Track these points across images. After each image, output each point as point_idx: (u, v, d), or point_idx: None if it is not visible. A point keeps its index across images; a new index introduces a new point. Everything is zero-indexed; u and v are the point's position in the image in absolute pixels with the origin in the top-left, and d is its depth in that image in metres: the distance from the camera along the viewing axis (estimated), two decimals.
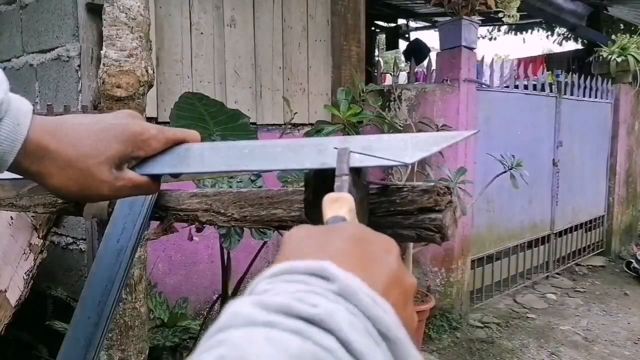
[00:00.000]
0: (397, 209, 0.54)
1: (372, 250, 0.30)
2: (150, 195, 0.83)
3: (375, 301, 0.25)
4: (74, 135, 0.50)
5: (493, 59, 3.86)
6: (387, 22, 6.95)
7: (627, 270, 4.40)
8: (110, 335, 1.61)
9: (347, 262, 0.27)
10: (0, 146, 0.47)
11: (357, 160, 0.48)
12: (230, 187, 1.67)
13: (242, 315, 0.23)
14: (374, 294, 0.25)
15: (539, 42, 14.04)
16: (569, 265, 4.49)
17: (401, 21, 7.07)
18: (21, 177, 0.52)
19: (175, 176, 0.59)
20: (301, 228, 0.31)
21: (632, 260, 4.38)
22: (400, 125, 3.20)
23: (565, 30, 7.26)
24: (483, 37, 8.63)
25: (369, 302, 0.25)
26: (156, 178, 0.57)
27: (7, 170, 0.50)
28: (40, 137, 0.49)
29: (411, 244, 2.68)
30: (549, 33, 7.90)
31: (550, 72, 4.48)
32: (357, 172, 0.48)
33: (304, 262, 0.26)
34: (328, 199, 0.36)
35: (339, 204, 0.35)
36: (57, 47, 2.26)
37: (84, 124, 0.52)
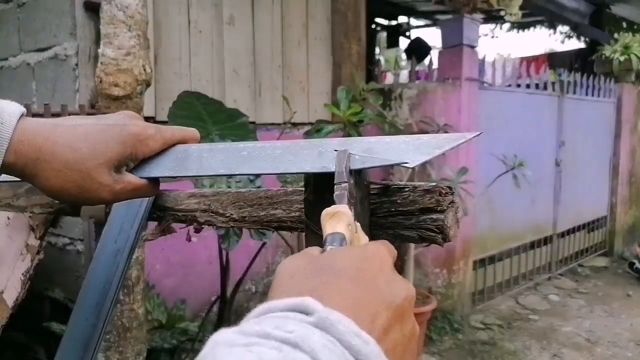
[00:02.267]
0: (399, 210, 0.53)
1: (363, 280, 0.31)
2: None
3: (354, 332, 0.26)
4: (71, 137, 0.49)
5: (495, 57, 3.84)
6: (388, 20, 6.93)
7: (629, 271, 4.37)
8: (108, 337, 1.59)
9: (333, 300, 0.28)
10: None
11: (358, 162, 0.47)
12: (229, 187, 1.65)
13: (223, 339, 0.24)
14: (353, 326, 0.26)
15: (541, 41, 14.06)
16: (571, 266, 4.47)
17: (402, 19, 7.04)
18: (19, 179, 0.52)
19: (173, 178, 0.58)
20: (292, 260, 0.32)
21: (635, 261, 4.36)
22: (401, 125, 3.18)
23: (567, 28, 7.25)
24: (485, 35, 8.62)
25: (346, 332, 0.26)
26: (155, 180, 0.57)
27: (4, 174, 0.49)
28: (33, 139, 0.48)
29: (412, 245, 2.66)
30: (552, 31, 7.89)
31: (552, 70, 4.46)
32: (358, 172, 0.47)
33: (286, 299, 0.28)
34: (325, 214, 0.37)
35: (336, 220, 0.36)
36: (54, 46, 2.24)
37: (81, 126, 0.51)
